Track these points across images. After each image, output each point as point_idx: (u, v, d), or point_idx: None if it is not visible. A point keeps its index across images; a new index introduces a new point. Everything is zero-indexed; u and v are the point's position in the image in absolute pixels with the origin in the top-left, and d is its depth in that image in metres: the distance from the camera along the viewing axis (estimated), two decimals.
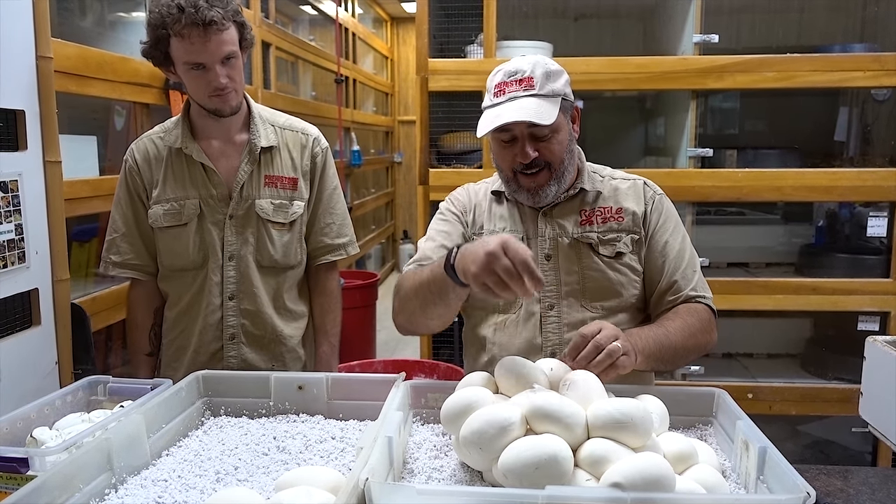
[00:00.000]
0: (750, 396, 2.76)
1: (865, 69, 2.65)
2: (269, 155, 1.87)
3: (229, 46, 1.70)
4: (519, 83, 1.50)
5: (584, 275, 1.58)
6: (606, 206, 1.61)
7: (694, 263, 1.62)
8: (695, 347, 1.52)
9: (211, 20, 1.63)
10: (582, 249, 1.59)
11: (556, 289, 1.59)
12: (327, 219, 1.95)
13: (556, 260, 1.60)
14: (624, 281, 1.58)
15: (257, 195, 1.84)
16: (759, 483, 1.09)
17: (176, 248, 1.84)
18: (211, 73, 1.70)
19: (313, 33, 5.53)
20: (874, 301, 2.71)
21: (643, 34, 3.48)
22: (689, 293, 1.58)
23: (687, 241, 1.64)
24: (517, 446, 1.06)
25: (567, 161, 1.55)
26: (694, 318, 1.53)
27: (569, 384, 1.20)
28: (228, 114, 1.79)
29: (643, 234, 1.61)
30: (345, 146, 5.66)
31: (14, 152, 1.74)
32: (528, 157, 1.50)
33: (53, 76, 1.83)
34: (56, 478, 1.04)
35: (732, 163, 2.94)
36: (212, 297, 1.85)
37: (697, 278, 1.61)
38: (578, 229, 1.60)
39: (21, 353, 1.76)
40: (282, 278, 1.90)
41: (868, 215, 2.80)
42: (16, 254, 1.73)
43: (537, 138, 1.51)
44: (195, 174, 1.83)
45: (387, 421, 1.18)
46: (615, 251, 1.58)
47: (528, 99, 1.48)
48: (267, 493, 1.13)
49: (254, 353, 1.88)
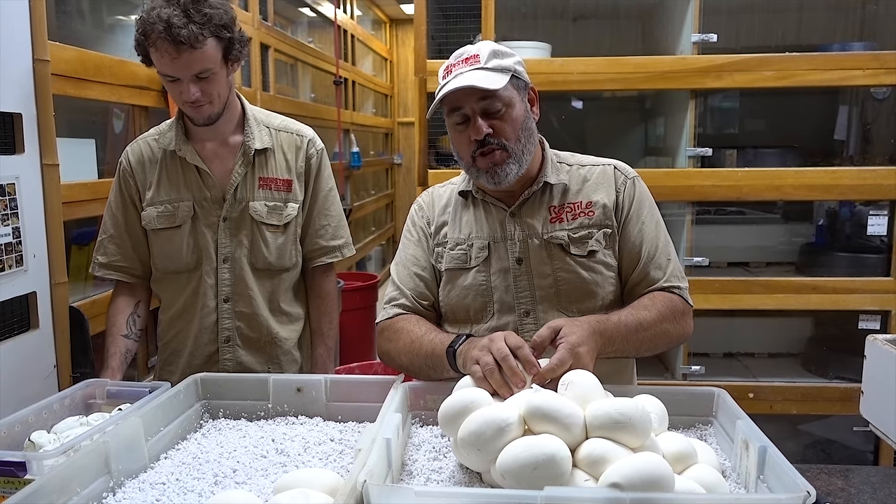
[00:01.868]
0: (751, 396, 2.75)
1: (865, 68, 2.64)
2: (264, 157, 1.86)
3: (202, 65, 1.67)
4: (465, 61, 1.46)
5: (558, 277, 1.52)
6: (576, 202, 1.55)
7: (668, 251, 1.55)
8: (665, 335, 1.46)
9: (184, 39, 1.61)
10: (553, 250, 1.53)
11: (529, 294, 1.54)
12: (322, 221, 1.94)
13: (527, 263, 1.54)
14: (599, 279, 1.52)
15: (251, 197, 1.84)
16: (760, 482, 1.08)
17: (169, 251, 1.83)
18: (182, 86, 1.69)
19: (312, 35, 5.53)
20: (875, 300, 2.71)
21: (642, 34, 3.48)
22: (662, 284, 1.52)
23: (661, 227, 1.57)
24: (515, 447, 1.06)
25: (525, 139, 1.48)
26: (666, 307, 1.47)
27: (567, 384, 1.19)
28: (202, 123, 1.78)
29: (615, 225, 1.55)
30: (344, 148, 5.66)
31: (11, 155, 1.74)
32: (480, 132, 1.44)
33: (50, 79, 1.83)
34: (53, 481, 1.04)
35: (732, 162, 2.93)
36: (206, 299, 1.84)
37: (672, 267, 1.54)
38: (548, 227, 1.54)
39: (19, 356, 1.76)
40: (277, 280, 1.89)
41: (868, 214, 2.79)
42: (13, 257, 1.72)
43: (489, 114, 1.45)
44: (189, 176, 1.83)
45: (385, 423, 1.18)
46: (587, 249, 1.52)
47: (474, 72, 1.43)
48: (265, 495, 1.13)
49: (249, 355, 1.87)
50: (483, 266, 1.55)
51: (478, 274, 1.56)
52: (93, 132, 2.46)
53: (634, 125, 3.60)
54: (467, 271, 1.56)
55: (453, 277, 1.58)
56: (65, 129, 2.15)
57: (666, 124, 3.23)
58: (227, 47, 1.72)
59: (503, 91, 1.44)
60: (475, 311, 1.56)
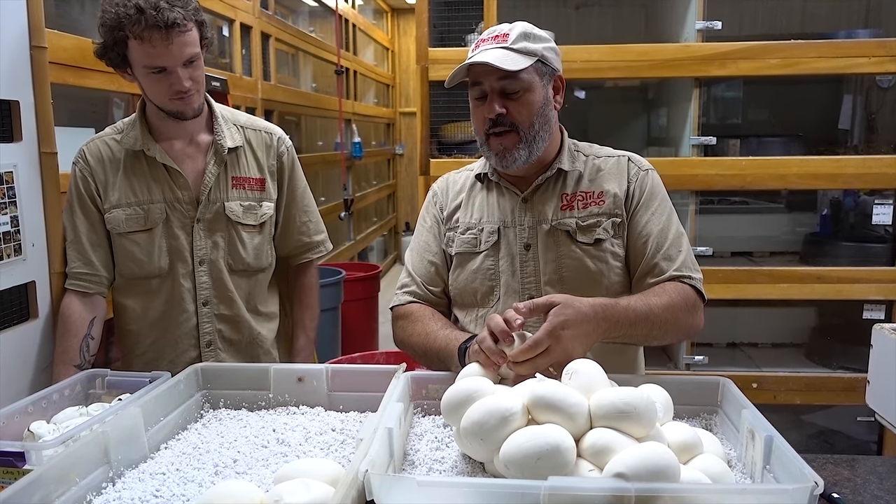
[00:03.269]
0: (754, 386, 2.74)
1: (870, 55, 2.62)
2: (235, 155, 1.83)
3: (192, 48, 1.64)
4: (494, 38, 1.47)
5: (561, 263, 1.53)
6: (588, 191, 1.56)
7: (679, 243, 1.53)
8: (675, 325, 1.43)
9: (174, 22, 1.57)
10: (559, 237, 1.54)
11: (535, 279, 1.55)
12: (303, 217, 1.93)
13: (534, 249, 1.55)
14: (604, 268, 1.52)
15: (226, 197, 1.80)
16: (766, 473, 1.07)
17: (138, 255, 1.76)
18: (173, 77, 1.64)
19: (313, 24, 5.50)
20: (879, 289, 2.69)
21: (645, 22, 3.45)
22: (672, 273, 1.49)
23: (674, 219, 1.56)
24: (519, 437, 1.05)
25: (539, 126, 1.48)
26: (678, 296, 1.44)
27: (571, 373, 1.18)
28: (191, 116, 1.74)
29: (625, 215, 1.54)
30: (346, 138, 5.64)
31: (9, 143, 1.72)
32: (493, 111, 1.45)
33: (48, 66, 1.81)
34: (52, 471, 1.03)
35: (736, 151, 2.91)
36: (184, 304, 1.79)
37: (683, 258, 1.51)
38: (558, 215, 1.55)
39: (18, 346, 1.75)
40: (254, 281, 1.87)
41: (873, 203, 2.78)
42: (12, 246, 1.71)
43: (507, 95, 1.46)
44: (158, 177, 1.78)
45: (387, 412, 1.17)
46: (594, 238, 1.52)
47: (497, 50, 1.44)
48: (266, 485, 1.12)
49: (231, 357, 1.85)
50: (492, 250, 1.58)
51: (486, 258, 1.58)
52: (93, 121, 2.44)
53: (637, 115, 3.58)
54: (476, 255, 1.59)
55: (463, 261, 1.60)
56: (64, 117, 2.13)
57: (669, 113, 3.21)
58: (201, 31, 1.69)
59: (523, 74, 1.44)
60: (482, 295, 1.58)
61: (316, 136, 5.42)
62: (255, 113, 3.68)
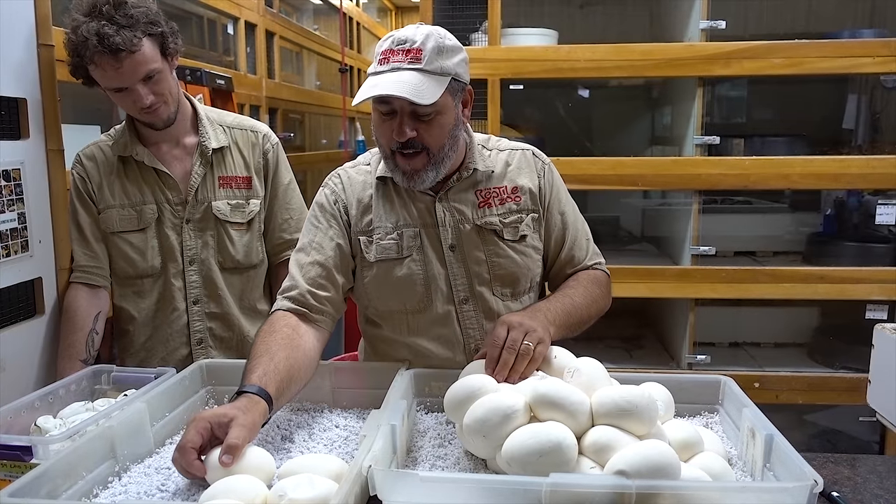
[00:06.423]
0: (756, 385, 2.74)
1: (875, 55, 2.62)
2: (220, 155, 1.87)
3: (146, 66, 1.65)
4: (406, 53, 1.35)
5: (492, 262, 1.52)
6: (501, 187, 1.54)
7: (585, 231, 1.63)
8: (597, 313, 1.55)
9: (117, 47, 1.58)
10: (486, 236, 1.52)
11: (465, 279, 1.52)
12: (284, 214, 1.95)
13: (460, 250, 1.51)
14: (529, 263, 1.55)
15: (213, 197, 1.84)
16: (766, 471, 1.08)
17: (132, 254, 1.81)
18: (134, 94, 1.67)
19: (317, 22, 5.51)
20: (882, 290, 2.69)
21: (649, 21, 3.45)
22: (587, 263, 1.60)
23: (576, 209, 1.64)
24: (521, 434, 1.06)
25: (448, 147, 1.43)
26: (594, 286, 1.56)
27: (573, 372, 1.19)
28: (162, 127, 1.78)
29: (541, 210, 1.57)
30: (349, 136, 5.65)
31: (16, 141, 1.73)
32: (404, 135, 1.37)
33: (55, 64, 1.82)
34: (59, 466, 1.04)
35: (740, 151, 2.91)
36: (175, 302, 1.84)
37: (591, 246, 1.63)
38: (478, 213, 1.52)
39: (25, 342, 1.76)
40: (245, 278, 1.91)
41: (876, 203, 2.77)
42: (19, 242, 1.72)
43: (418, 117, 1.37)
44: (148, 179, 1.82)
45: (390, 409, 1.18)
46: (519, 234, 1.53)
47: (412, 73, 1.34)
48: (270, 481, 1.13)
49: (222, 355, 1.89)
50: (417, 254, 1.51)
51: (412, 263, 1.51)
52: (99, 119, 2.46)
53: (641, 114, 3.58)
54: (401, 261, 1.51)
55: (387, 269, 1.51)
56: (70, 115, 2.15)
57: (673, 113, 3.21)
58: (163, 43, 1.69)
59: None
60: (415, 302, 1.52)
61: (320, 134, 5.42)
62: (259, 111, 3.70)
